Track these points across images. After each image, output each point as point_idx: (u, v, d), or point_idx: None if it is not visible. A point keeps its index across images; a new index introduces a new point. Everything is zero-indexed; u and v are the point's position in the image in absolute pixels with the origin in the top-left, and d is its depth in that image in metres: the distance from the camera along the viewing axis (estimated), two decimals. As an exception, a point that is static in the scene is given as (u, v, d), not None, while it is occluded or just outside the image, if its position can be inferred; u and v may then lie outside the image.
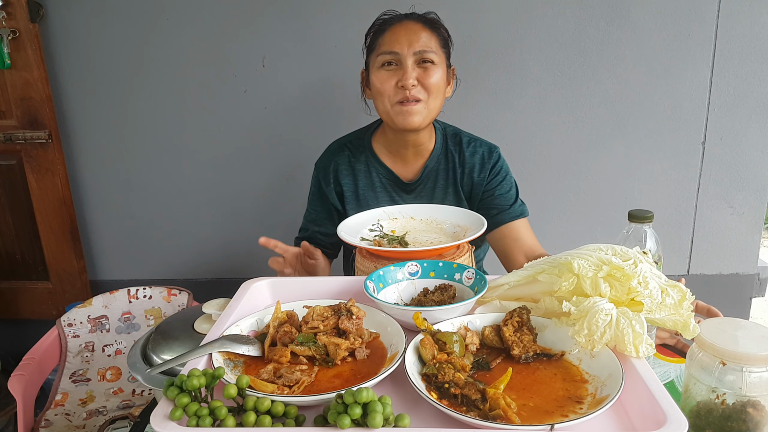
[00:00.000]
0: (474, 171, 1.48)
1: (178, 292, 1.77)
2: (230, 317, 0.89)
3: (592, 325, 0.75)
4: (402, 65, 1.33)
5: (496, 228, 1.45)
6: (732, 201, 2.28)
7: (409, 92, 1.32)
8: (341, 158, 1.53)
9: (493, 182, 1.49)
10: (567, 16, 2.11)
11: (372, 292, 0.91)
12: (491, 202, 1.47)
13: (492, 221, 1.43)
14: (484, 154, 1.49)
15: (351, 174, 1.52)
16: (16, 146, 2.27)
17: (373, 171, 1.51)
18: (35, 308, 2.50)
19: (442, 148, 1.50)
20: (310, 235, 1.54)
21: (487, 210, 1.46)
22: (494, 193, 1.48)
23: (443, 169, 1.49)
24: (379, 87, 1.36)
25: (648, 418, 0.65)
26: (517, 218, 1.45)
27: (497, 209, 1.46)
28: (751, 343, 0.74)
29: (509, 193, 1.49)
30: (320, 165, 1.56)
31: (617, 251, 0.83)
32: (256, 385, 0.72)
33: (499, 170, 1.49)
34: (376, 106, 1.42)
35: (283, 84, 2.23)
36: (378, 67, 1.36)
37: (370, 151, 1.51)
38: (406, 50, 1.32)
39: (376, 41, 1.39)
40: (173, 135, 2.32)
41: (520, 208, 1.47)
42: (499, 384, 0.70)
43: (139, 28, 2.19)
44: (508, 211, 1.45)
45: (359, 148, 1.53)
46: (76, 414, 1.59)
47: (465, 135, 1.53)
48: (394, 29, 1.36)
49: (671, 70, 2.14)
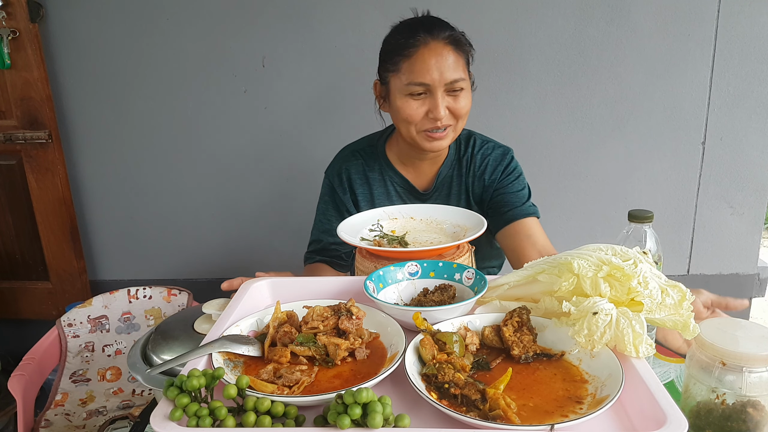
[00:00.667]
0: (485, 173, 1.45)
1: (178, 292, 1.77)
2: (230, 317, 0.89)
3: (592, 325, 0.75)
4: (432, 95, 1.28)
5: (508, 224, 1.40)
6: (732, 201, 2.28)
7: (440, 122, 1.29)
8: (354, 165, 1.47)
9: (504, 181, 1.45)
10: (567, 16, 2.11)
11: (372, 292, 0.91)
12: (503, 199, 1.43)
13: (504, 218, 1.40)
14: (498, 158, 1.45)
15: (366, 182, 1.47)
16: (16, 146, 2.27)
17: (388, 179, 1.47)
18: (35, 308, 2.50)
19: (455, 154, 1.46)
20: (323, 247, 1.48)
21: (498, 208, 1.42)
22: (506, 191, 1.43)
23: (457, 175, 1.46)
24: (406, 115, 1.30)
25: (648, 418, 0.65)
26: (530, 216, 1.40)
27: (509, 206, 1.41)
28: (751, 343, 0.74)
29: (522, 192, 1.44)
30: (332, 172, 1.50)
31: (617, 251, 0.83)
32: (256, 386, 0.72)
33: (511, 171, 1.45)
34: (397, 126, 1.38)
35: (283, 84, 2.23)
36: (404, 95, 1.30)
37: (384, 159, 1.47)
38: (437, 81, 1.26)
39: (400, 64, 1.29)
40: (173, 135, 2.32)
41: (532, 207, 1.43)
42: (499, 384, 0.70)
43: (139, 28, 2.19)
44: (521, 207, 1.41)
45: (373, 156, 1.48)
46: (76, 414, 1.59)
47: (479, 137, 1.48)
48: (420, 55, 1.27)
49: (671, 70, 2.14)
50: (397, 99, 1.32)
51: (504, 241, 1.43)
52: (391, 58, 1.32)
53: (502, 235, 1.43)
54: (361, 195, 1.47)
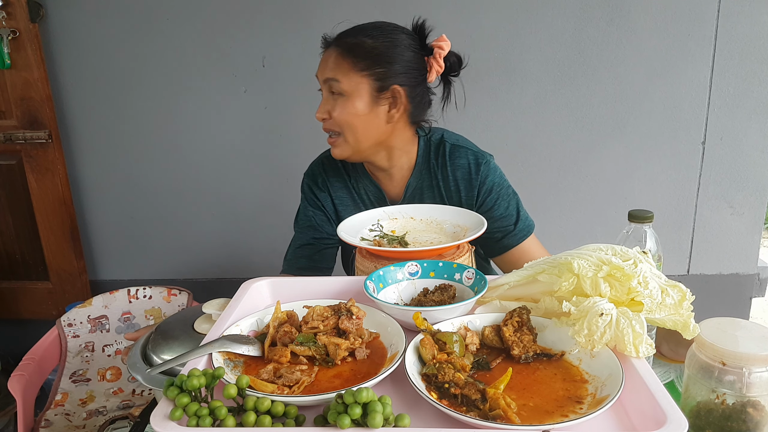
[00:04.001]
0: (460, 188, 1.34)
1: (178, 292, 1.77)
2: (230, 317, 0.89)
3: (592, 325, 0.75)
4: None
5: (505, 252, 1.34)
6: (732, 201, 2.28)
7: (322, 122, 1.27)
8: (334, 169, 1.43)
9: (487, 202, 1.33)
10: (567, 16, 2.11)
11: (372, 292, 0.91)
12: (492, 225, 1.30)
13: (498, 246, 1.34)
14: (471, 167, 1.33)
15: (345, 187, 1.42)
16: (16, 146, 2.27)
17: (362, 187, 1.41)
18: (35, 308, 2.50)
19: (424, 162, 1.36)
20: (308, 242, 1.41)
21: (490, 234, 1.31)
22: (493, 215, 1.32)
23: (427, 185, 1.36)
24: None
25: (648, 418, 0.65)
26: (525, 238, 1.33)
27: (501, 232, 1.33)
28: (751, 343, 0.74)
29: (509, 210, 1.34)
30: (310, 173, 1.47)
31: (617, 251, 0.83)
32: (256, 385, 0.72)
33: (491, 186, 1.33)
34: None
35: (283, 84, 2.23)
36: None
37: (360, 166, 1.41)
38: (318, 77, 1.26)
39: None
40: (173, 135, 2.32)
41: (525, 224, 1.34)
42: (499, 384, 0.70)
43: (139, 28, 2.19)
44: (514, 233, 1.33)
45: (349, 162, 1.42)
46: (76, 414, 1.59)
47: (449, 141, 1.36)
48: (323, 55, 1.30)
49: (671, 70, 2.14)
50: None
51: (503, 266, 1.40)
52: None
53: (499, 262, 1.39)
54: (337, 198, 1.42)
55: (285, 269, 1.42)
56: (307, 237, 1.42)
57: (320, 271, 1.41)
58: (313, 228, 1.42)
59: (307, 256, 1.41)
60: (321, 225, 1.42)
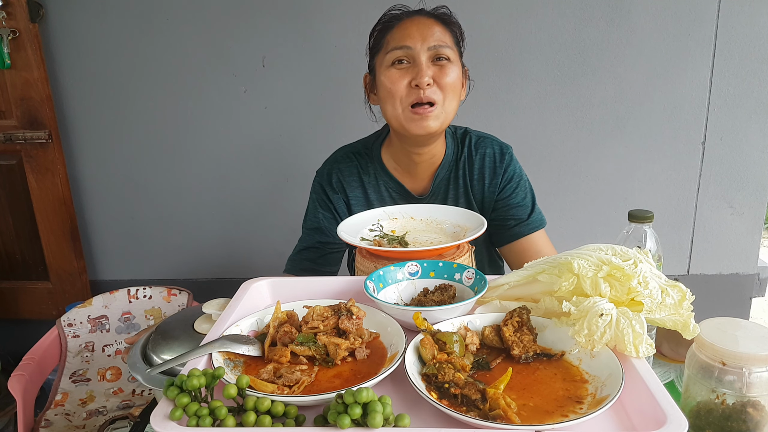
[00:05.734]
0: (485, 176, 1.36)
1: (178, 292, 1.77)
2: (230, 317, 0.89)
3: (592, 325, 0.75)
4: (415, 62, 1.19)
5: (515, 241, 1.34)
6: (732, 201, 2.28)
7: (424, 92, 1.18)
8: (349, 168, 1.40)
9: (506, 189, 1.36)
10: (567, 16, 2.11)
11: (372, 292, 0.91)
12: (507, 212, 1.35)
13: (509, 233, 1.34)
14: (495, 156, 1.36)
15: (360, 185, 1.39)
16: (16, 146, 2.27)
17: (382, 184, 1.39)
18: (35, 308, 2.50)
19: (453, 154, 1.37)
20: (313, 245, 1.39)
21: (503, 221, 1.35)
22: (509, 203, 1.35)
23: (454, 177, 1.37)
24: (389, 87, 1.21)
25: (648, 418, 0.65)
26: (536, 230, 1.34)
27: (515, 220, 1.34)
28: (751, 343, 0.74)
29: (525, 200, 1.36)
30: (323, 172, 1.43)
31: (617, 251, 0.83)
32: (256, 385, 0.72)
33: (512, 175, 1.37)
34: (384, 112, 1.27)
35: (283, 84, 2.23)
36: (387, 66, 1.22)
37: (378, 163, 1.38)
38: (419, 45, 1.19)
39: (383, 39, 1.25)
40: (173, 135, 2.32)
41: (538, 217, 1.36)
42: (499, 384, 0.70)
43: (139, 28, 2.19)
44: (527, 222, 1.34)
45: (367, 158, 1.40)
46: (76, 414, 1.59)
47: (473, 134, 1.40)
48: (404, 24, 1.22)
49: (671, 70, 2.14)
50: (381, 75, 1.24)
51: (510, 256, 1.39)
52: (377, 41, 1.28)
53: (507, 250, 1.38)
54: (354, 198, 1.39)
55: (288, 269, 1.42)
56: (312, 240, 1.41)
57: (324, 274, 1.39)
58: (319, 231, 1.40)
59: (311, 259, 1.40)
60: (328, 228, 1.39)
